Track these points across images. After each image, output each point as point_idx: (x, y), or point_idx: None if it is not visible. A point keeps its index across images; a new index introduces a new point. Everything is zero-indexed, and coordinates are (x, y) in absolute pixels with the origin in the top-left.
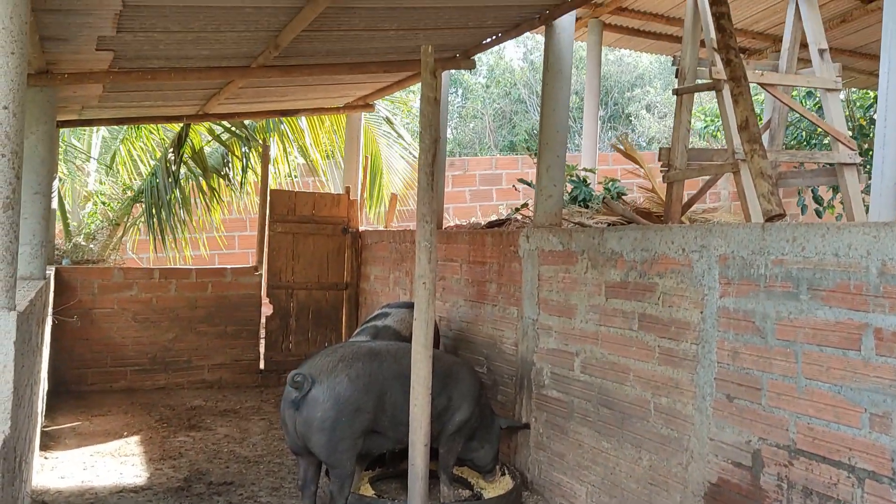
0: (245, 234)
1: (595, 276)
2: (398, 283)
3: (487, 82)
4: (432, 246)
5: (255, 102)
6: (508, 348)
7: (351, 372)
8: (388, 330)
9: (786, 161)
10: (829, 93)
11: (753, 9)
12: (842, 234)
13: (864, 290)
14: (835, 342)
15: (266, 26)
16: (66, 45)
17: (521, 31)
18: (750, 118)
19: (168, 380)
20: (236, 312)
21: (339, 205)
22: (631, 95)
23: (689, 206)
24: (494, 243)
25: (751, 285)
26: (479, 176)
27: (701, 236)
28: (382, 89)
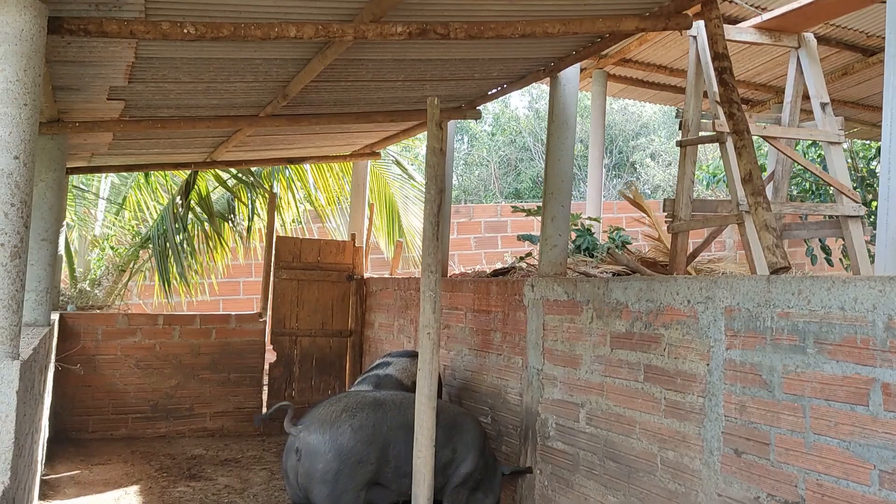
0: (250, 279)
1: (600, 327)
2: (402, 331)
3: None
4: (437, 296)
5: (262, 150)
6: (513, 398)
7: (354, 422)
8: (389, 379)
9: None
10: (831, 146)
11: (755, 61)
12: (847, 287)
13: (870, 344)
14: (842, 397)
15: (275, 77)
16: (78, 94)
17: (527, 82)
18: (753, 171)
19: (169, 428)
20: (240, 359)
21: (344, 251)
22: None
23: (695, 256)
24: (499, 292)
25: (757, 338)
26: (485, 223)
27: (706, 288)
28: (389, 138)
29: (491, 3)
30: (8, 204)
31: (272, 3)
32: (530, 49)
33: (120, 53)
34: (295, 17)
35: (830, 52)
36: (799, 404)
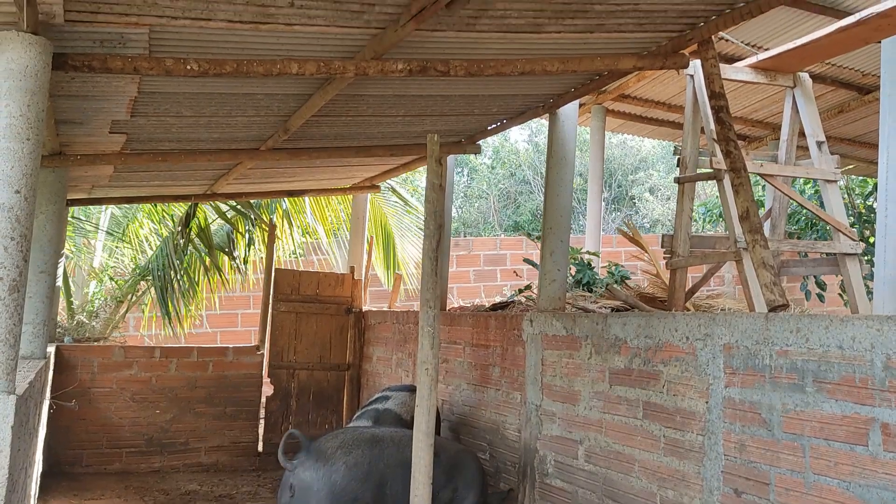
0: (248, 311)
1: (599, 363)
2: (401, 365)
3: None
4: (435, 332)
5: (262, 182)
6: (511, 434)
7: (349, 459)
8: (388, 413)
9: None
10: (827, 184)
11: (752, 98)
12: (845, 326)
13: (869, 383)
14: (842, 437)
15: (277, 111)
16: (80, 128)
17: (526, 118)
18: (751, 208)
19: (164, 462)
20: (236, 392)
21: (343, 284)
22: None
23: (693, 292)
24: (498, 326)
25: (756, 376)
26: (484, 256)
27: (705, 325)
28: (389, 171)
29: (491, 42)
30: (8, 238)
31: (274, 39)
32: (529, 86)
33: (123, 88)
34: (297, 53)
35: (826, 90)
36: (798, 444)
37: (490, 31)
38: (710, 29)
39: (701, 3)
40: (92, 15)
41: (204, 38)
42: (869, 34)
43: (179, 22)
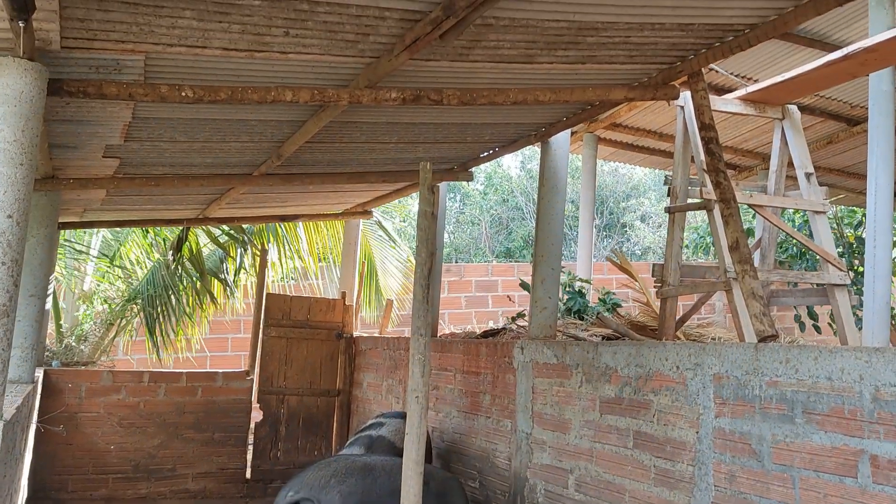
0: (238, 336)
1: (589, 391)
2: (391, 391)
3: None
4: (426, 360)
5: (255, 207)
6: (502, 462)
7: (343, 488)
8: (382, 441)
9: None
10: (816, 215)
11: (742, 129)
12: (834, 357)
13: (858, 415)
14: (831, 468)
15: (270, 138)
16: (74, 152)
17: (519, 146)
18: (740, 239)
19: (150, 489)
20: (225, 418)
21: (333, 310)
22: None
23: (684, 321)
24: (489, 354)
25: (746, 406)
26: (475, 282)
27: (695, 354)
28: (381, 197)
29: (484, 72)
30: None
31: (269, 67)
32: (522, 115)
33: (117, 113)
34: (292, 81)
35: (815, 122)
36: (788, 475)
37: (483, 62)
38: (700, 61)
39: (691, 37)
40: (88, 42)
41: (199, 65)
42: (856, 68)
43: (175, 49)
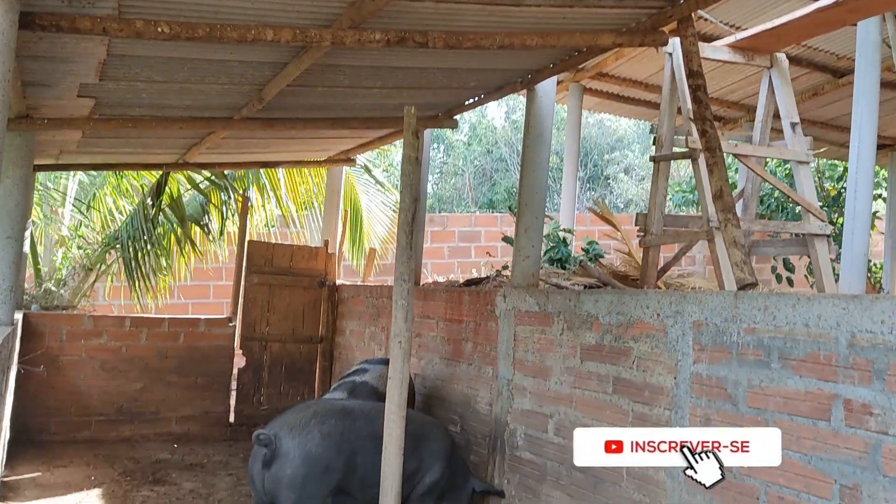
0: (220, 283)
1: (570, 339)
2: (374, 339)
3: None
4: (409, 305)
5: (236, 153)
6: (483, 408)
7: (323, 429)
8: (365, 386)
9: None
10: (800, 165)
11: (728, 79)
12: (812, 304)
13: (833, 360)
14: (805, 412)
15: (250, 80)
16: (48, 90)
17: (504, 93)
18: (724, 188)
19: (134, 431)
20: (207, 364)
21: (316, 257)
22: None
23: (665, 271)
24: (471, 302)
25: (723, 352)
26: (458, 233)
27: (676, 302)
28: (364, 144)
29: (470, 14)
30: None
31: (249, 4)
32: (508, 60)
33: (92, 50)
34: (272, 20)
35: (801, 73)
36: (762, 418)
37: (469, 3)
38: (690, 6)
39: None
40: None
41: (176, 0)
42: (845, 16)
43: None
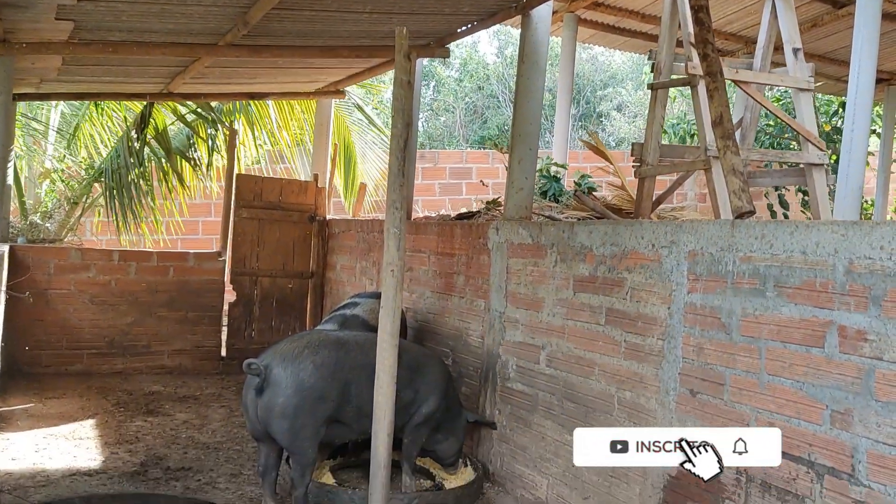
0: (209, 219)
1: (564, 270)
2: (365, 273)
3: (460, 76)
4: (401, 233)
5: (222, 83)
6: (475, 340)
7: (316, 359)
8: (356, 319)
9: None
10: (801, 92)
11: (728, 9)
12: (810, 232)
13: (829, 287)
14: (798, 339)
15: (235, 1)
16: (24, 12)
17: (498, 20)
18: (724, 114)
19: (126, 364)
20: (198, 298)
21: (306, 192)
22: (603, 94)
23: (658, 203)
24: (464, 235)
25: (718, 281)
26: (450, 169)
27: (671, 232)
28: (354, 76)
29: None
30: None
31: None
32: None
33: None
34: None
35: (801, 3)
36: (755, 346)
37: None
38: None
39: None
40: None
41: None
42: None
43: None
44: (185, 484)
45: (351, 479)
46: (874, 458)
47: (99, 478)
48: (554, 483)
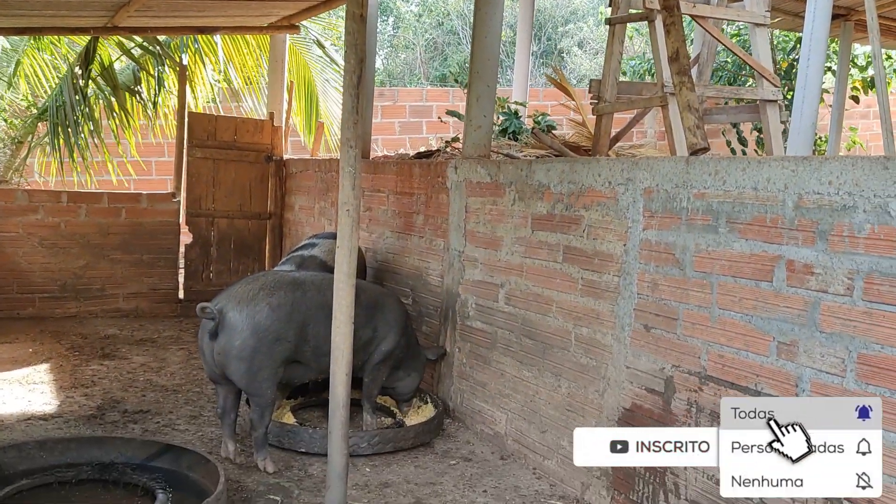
0: (162, 159)
1: (522, 209)
2: (324, 214)
3: (420, 11)
4: (357, 172)
5: (169, 16)
6: (434, 280)
7: (272, 300)
8: (314, 260)
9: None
10: (757, 28)
11: None
12: (762, 167)
13: (779, 223)
14: (748, 273)
15: None
16: None
17: None
18: (681, 49)
19: (80, 308)
20: (153, 240)
21: (262, 131)
22: (564, 31)
23: (616, 140)
24: (422, 174)
25: (673, 218)
26: (409, 107)
27: (627, 169)
28: (308, 9)
29: None
30: None
31: None
32: None
33: None
34: None
35: None
36: (707, 281)
37: None
38: None
39: None
40: None
41: None
42: None
43: None
44: (144, 426)
45: (312, 419)
46: (817, 387)
47: (55, 422)
48: (512, 418)
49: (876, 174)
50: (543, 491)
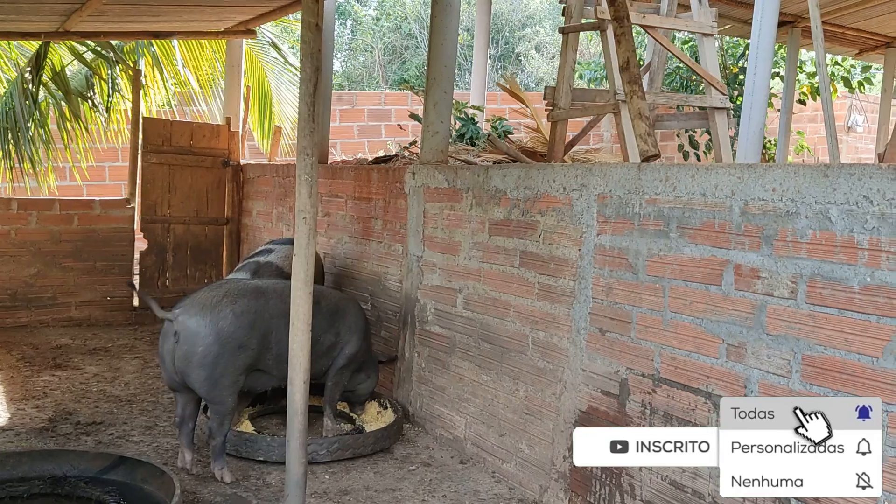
0: (117, 164)
1: (479, 214)
2: (282, 219)
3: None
4: (313, 180)
5: (123, 21)
6: (393, 285)
7: (236, 307)
8: (270, 266)
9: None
10: (704, 37)
11: None
12: (710, 174)
13: (727, 228)
14: (698, 277)
15: None
16: None
17: None
18: (631, 59)
19: (31, 317)
20: (106, 247)
21: (218, 136)
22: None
23: (572, 145)
24: (380, 179)
25: (626, 223)
26: (368, 111)
27: (581, 175)
28: (263, 15)
29: None
30: None
31: None
32: None
33: None
34: None
35: None
36: (660, 285)
37: None
38: None
39: None
40: None
41: None
42: None
43: None
44: (97, 438)
45: (270, 427)
46: (765, 387)
47: (5, 435)
48: (471, 422)
49: (817, 182)
50: (502, 494)
